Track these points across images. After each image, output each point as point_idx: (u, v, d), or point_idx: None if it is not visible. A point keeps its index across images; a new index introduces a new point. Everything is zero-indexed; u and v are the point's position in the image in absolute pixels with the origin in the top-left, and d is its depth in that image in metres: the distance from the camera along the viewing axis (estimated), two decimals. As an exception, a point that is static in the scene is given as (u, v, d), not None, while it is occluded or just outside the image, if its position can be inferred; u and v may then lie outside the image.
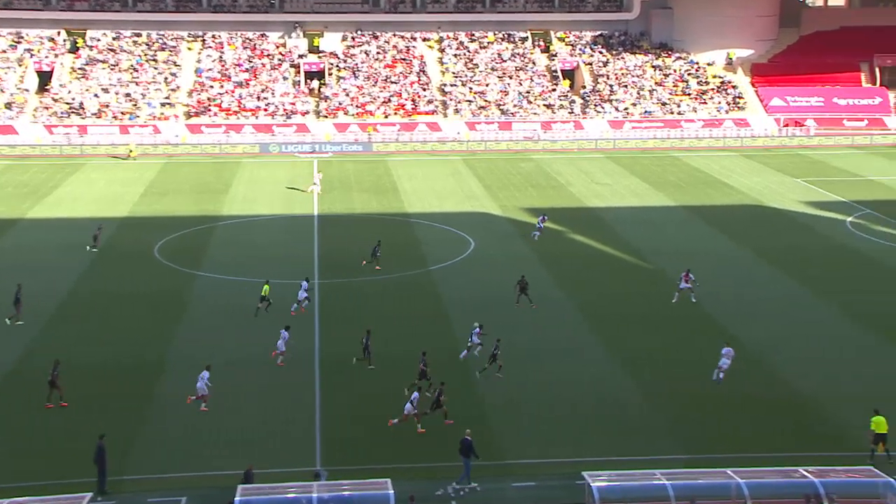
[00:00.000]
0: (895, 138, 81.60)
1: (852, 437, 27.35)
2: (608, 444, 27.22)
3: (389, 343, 34.54)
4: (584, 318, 37.18)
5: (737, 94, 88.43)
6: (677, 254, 46.52)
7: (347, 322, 36.36)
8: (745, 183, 64.90)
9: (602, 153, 78.11)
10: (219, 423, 28.28)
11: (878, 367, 32.20)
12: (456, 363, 32.66)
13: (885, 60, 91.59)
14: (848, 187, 62.94)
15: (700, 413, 29.00)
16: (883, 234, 50.12)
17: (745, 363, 32.21)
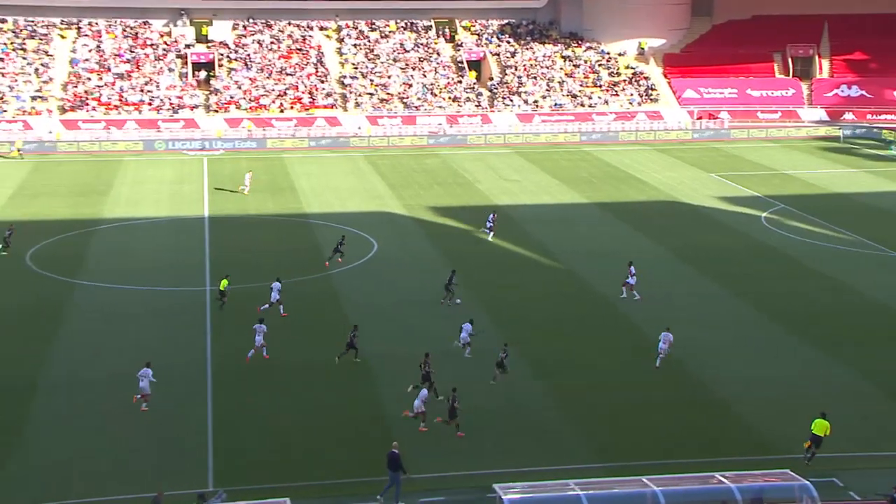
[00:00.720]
0: (809, 131, 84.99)
1: (771, 441, 28.23)
2: (521, 454, 27.49)
3: (286, 352, 34.19)
4: (490, 321, 37.48)
5: (649, 86, 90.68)
6: (590, 253, 47.34)
7: (242, 332, 35.81)
8: (659, 178, 66.58)
9: (511, 148, 78.94)
10: (105, 442, 27.53)
11: (796, 367, 33.37)
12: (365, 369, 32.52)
13: (797, 50, 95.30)
14: (763, 182, 65.23)
15: (615, 419, 29.55)
16: (798, 230, 52.10)
17: (664, 368, 32.97)
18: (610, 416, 29.62)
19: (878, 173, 68.26)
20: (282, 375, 32.43)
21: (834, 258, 46.72)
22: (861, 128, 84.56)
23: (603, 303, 40.09)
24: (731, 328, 36.24)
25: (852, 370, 32.82)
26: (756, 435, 28.59)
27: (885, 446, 27.64)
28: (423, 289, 41.61)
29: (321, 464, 26.91)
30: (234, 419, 29.19)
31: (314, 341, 35.59)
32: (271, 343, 34.27)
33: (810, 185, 64.45)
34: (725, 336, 35.89)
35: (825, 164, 71.93)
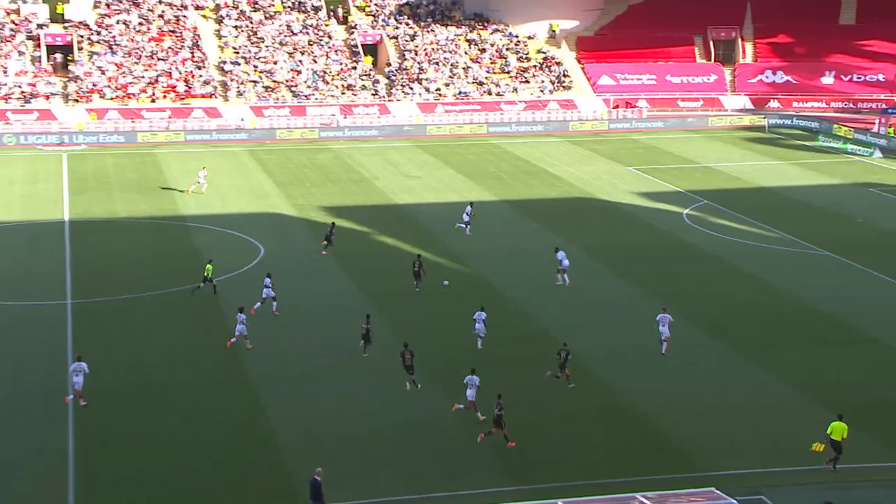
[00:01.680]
0: (732, 120, 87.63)
1: (695, 456, 28.94)
2: (424, 478, 27.58)
3: (154, 370, 33.67)
4: (391, 331, 37.54)
5: (562, 72, 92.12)
6: (499, 255, 47.80)
7: (108, 349, 35.02)
8: (573, 172, 67.70)
9: (411, 141, 79.16)
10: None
11: (720, 375, 34.28)
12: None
13: (719, 33, 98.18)
14: (684, 176, 66.95)
15: (526, 436, 29.89)
16: (721, 228, 53.64)
17: (577, 378, 33.51)
18: (520, 433, 29.95)
19: (805, 165, 70.81)
20: (155, 396, 31.85)
21: (760, 257, 48.24)
22: (787, 117, 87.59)
23: (513, 308, 40.53)
24: (649, 333, 37.03)
25: (780, 377, 33.90)
26: (679, 450, 29.23)
27: (815, 459, 28.61)
28: (313, 296, 41.37)
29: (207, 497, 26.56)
30: (97, 442, 28.60)
31: (191, 360, 35.03)
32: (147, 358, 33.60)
33: (734, 178, 66.43)
34: (644, 342, 36.63)
35: (750, 156, 74.27)
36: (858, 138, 77.88)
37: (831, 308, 40.62)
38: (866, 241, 51.19)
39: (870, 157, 73.55)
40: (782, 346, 36.48)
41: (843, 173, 68.18)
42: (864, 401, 32.19)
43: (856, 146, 76.16)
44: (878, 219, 55.54)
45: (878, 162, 72.13)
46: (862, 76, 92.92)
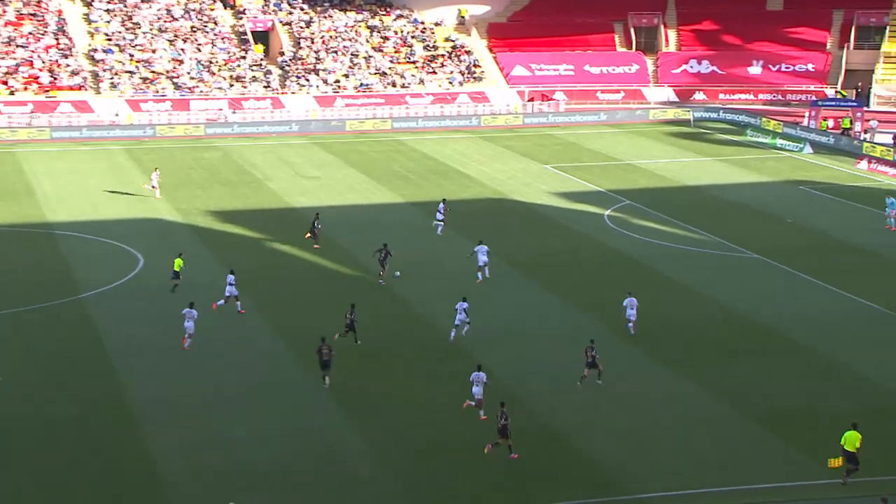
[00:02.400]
0: (655, 113, 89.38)
1: (619, 479, 29.30)
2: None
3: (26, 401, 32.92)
4: (286, 348, 37.33)
5: (472, 62, 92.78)
6: (406, 263, 47.90)
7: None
8: (486, 171, 68.19)
9: (308, 138, 78.85)
10: None
11: (645, 389, 34.84)
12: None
13: (640, 20, 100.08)
14: (605, 174, 67.98)
15: (437, 461, 30.02)
16: (645, 230, 54.60)
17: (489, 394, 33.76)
18: (430, 458, 30.02)
19: (733, 162, 72.52)
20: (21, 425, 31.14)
21: (684, 261, 49.25)
22: (713, 110, 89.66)
23: (423, 323, 40.65)
24: (568, 346, 37.33)
25: (707, 390, 34.64)
26: (602, 472, 29.63)
27: (745, 477, 29.30)
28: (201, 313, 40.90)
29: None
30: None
31: (63, 385, 34.34)
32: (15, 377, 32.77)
33: (658, 176, 67.69)
34: (562, 355, 36.98)
35: (674, 153, 75.77)
36: (788, 133, 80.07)
37: (759, 314, 41.65)
38: (796, 242, 52.64)
39: (800, 153, 75.69)
40: (706, 356, 37.26)
41: (772, 170, 70.03)
42: (792, 410, 33.09)
43: (785, 141, 78.27)
44: (809, 219, 57.17)
45: (809, 158, 74.28)
46: (791, 66, 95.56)
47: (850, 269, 47.83)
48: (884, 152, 72.03)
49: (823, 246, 52.16)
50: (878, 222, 56.26)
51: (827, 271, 47.27)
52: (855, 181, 66.99)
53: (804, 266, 47.89)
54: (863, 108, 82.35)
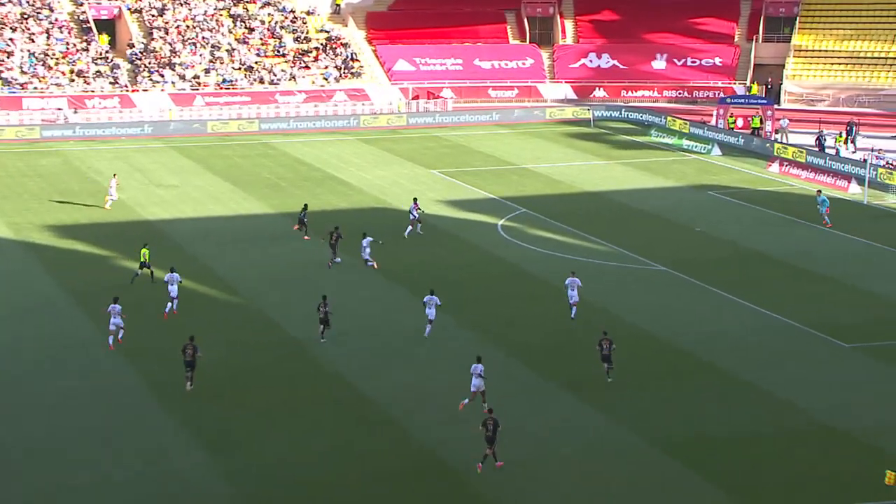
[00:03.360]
0: (553, 112, 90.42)
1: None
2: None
3: None
4: (140, 383, 36.70)
5: (349, 56, 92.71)
6: (276, 279, 47.50)
7: None
8: (366, 178, 68.10)
9: (164, 141, 77.90)
10: None
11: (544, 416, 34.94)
12: None
13: (534, 9, 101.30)
14: (498, 179, 68.45)
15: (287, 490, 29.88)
16: (540, 241, 55.07)
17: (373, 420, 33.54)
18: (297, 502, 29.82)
19: (636, 165, 73.74)
20: None
21: (585, 274, 49.53)
22: (615, 108, 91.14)
23: (293, 345, 40.38)
24: (456, 370, 37.37)
25: (614, 417, 34.98)
26: (498, 511, 29.75)
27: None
28: (38, 341, 39.90)
29: None
30: None
31: None
32: None
33: (556, 182, 68.43)
34: (448, 381, 37.01)
35: (573, 155, 76.72)
36: (695, 133, 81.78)
37: (666, 332, 42.19)
38: (706, 253, 53.67)
39: (708, 155, 77.32)
40: (614, 381, 37.59)
41: (678, 174, 71.41)
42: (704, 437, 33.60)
43: (692, 142, 79.93)
44: (719, 227, 58.35)
45: (717, 160, 75.93)
46: (697, 60, 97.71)
47: (763, 282, 48.86)
48: (796, 153, 74.03)
49: (735, 256, 53.24)
50: (793, 229, 57.79)
51: (739, 284, 48.20)
52: (767, 185, 68.69)
53: (714, 279, 48.80)
54: (773, 106, 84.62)
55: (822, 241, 55.85)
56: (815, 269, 50.83)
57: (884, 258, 53.29)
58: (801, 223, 59.08)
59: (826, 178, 68.13)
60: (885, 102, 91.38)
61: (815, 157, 72.59)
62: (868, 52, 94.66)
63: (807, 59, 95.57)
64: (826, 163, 71.62)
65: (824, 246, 55.10)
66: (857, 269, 51.09)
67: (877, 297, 46.92)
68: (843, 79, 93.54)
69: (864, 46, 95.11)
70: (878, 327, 43.08)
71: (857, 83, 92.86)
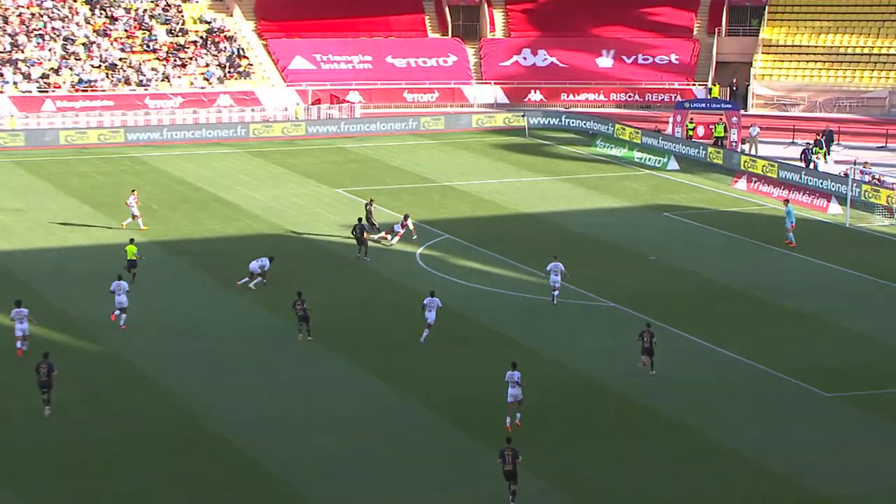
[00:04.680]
0: (481, 119, 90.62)
1: None
2: None
3: None
4: None
5: (235, 52, 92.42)
6: (146, 324, 47.00)
7: None
8: (257, 199, 67.78)
9: (4, 155, 76.98)
10: None
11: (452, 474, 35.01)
12: None
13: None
14: (415, 200, 68.48)
15: None
16: (467, 273, 54.97)
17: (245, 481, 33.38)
18: None
19: (580, 182, 74.07)
20: None
21: (523, 313, 49.74)
22: (554, 114, 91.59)
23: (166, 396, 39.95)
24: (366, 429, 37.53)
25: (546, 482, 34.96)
26: None
27: None
28: None
29: None
30: None
31: None
32: None
33: (485, 202, 68.58)
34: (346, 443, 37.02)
35: (505, 170, 77.00)
36: (648, 143, 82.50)
37: (617, 381, 42.17)
38: (661, 286, 54.00)
39: (663, 169, 78.02)
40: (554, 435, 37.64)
41: (629, 192, 71.93)
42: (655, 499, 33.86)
43: (645, 154, 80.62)
44: (677, 255, 58.68)
45: (675, 175, 76.63)
46: (650, 57, 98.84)
47: (728, 320, 49.18)
48: (767, 168, 74.89)
49: (695, 290, 53.60)
50: (763, 257, 58.45)
51: (700, 323, 48.49)
52: (732, 205, 69.40)
53: (671, 316, 49.02)
54: (739, 112, 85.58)
55: (797, 272, 56.46)
56: (789, 305, 51.33)
57: (869, 291, 54.03)
58: (772, 249, 59.71)
59: (802, 197, 69.04)
60: (870, 107, 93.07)
61: (789, 172, 73.54)
62: (849, 48, 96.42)
63: (778, 56, 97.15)
64: (802, 178, 72.58)
65: (800, 276, 55.71)
66: (839, 304, 51.77)
67: (863, 336, 47.46)
68: (820, 79, 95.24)
69: (845, 41, 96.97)
70: (863, 373, 43.56)
71: (837, 84, 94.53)
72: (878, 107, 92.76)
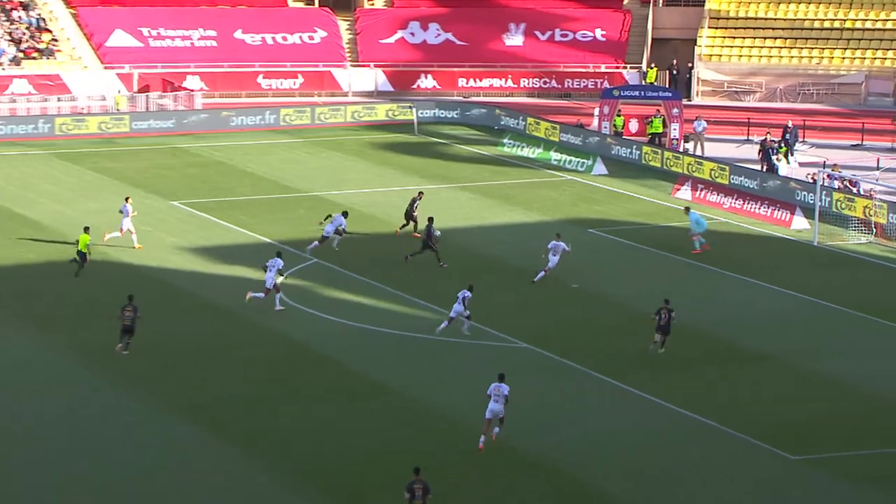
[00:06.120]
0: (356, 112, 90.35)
1: None
2: None
3: None
4: None
5: (35, 24, 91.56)
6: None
7: None
8: (67, 213, 67.45)
9: None
10: None
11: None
12: None
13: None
14: (276, 215, 68.57)
15: None
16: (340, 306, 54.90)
17: None
18: None
19: (483, 191, 74.22)
20: None
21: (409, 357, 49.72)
22: (449, 106, 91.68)
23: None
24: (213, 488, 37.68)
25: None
26: None
27: None
28: None
29: None
30: None
31: None
32: None
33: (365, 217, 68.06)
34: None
35: (390, 177, 77.27)
36: (569, 142, 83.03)
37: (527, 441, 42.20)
38: (585, 320, 54.41)
39: (588, 174, 78.45)
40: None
41: (545, 203, 72.43)
42: None
43: (565, 155, 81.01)
44: (605, 282, 59.01)
45: (602, 182, 77.11)
46: (570, 33, 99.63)
47: (669, 362, 49.54)
48: (716, 172, 75.43)
49: (627, 325, 53.84)
50: (712, 284, 59.16)
51: (634, 366, 48.88)
52: (673, 218, 69.90)
53: (597, 358, 49.28)
54: (681, 102, 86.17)
55: (754, 302, 57.01)
56: (745, 343, 51.88)
57: (842, 326, 54.73)
58: (725, 275, 60.26)
59: (760, 208, 69.54)
60: (841, 94, 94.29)
61: (744, 178, 74.17)
62: (815, 22, 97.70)
63: (728, 32, 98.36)
64: (759, 185, 73.18)
65: (758, 308, 56.20)
66: (806, 342, 52.36)
67: (835, 382, 47.95)
68: (780, 60, 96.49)
69: (810, 13, 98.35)
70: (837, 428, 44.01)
71: (801, 67, 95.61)
72: (852, 94, 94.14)
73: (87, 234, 57.59)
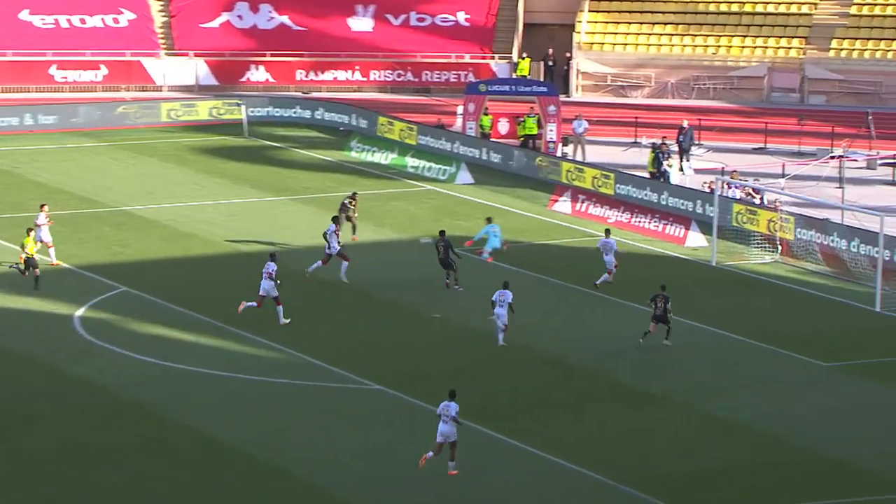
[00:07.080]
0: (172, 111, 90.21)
1: None
2: None
3: None
4: None
5: None
6: None
7: None
8: None
9: None
10: None
11: None
12: None
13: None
14: (76, 233, 68.35)
15: None
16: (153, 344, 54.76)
17: None
18: None
19: (324, 203, 73.97)
20: None
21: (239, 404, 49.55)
22: (284, 102, 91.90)
23: None
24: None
25: None
26: None
27: None
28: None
29: None
30: None
31: None
32: None
33: (184, 236, 68.84)
34: None
35: (214, 188, 77.64)
36: (428, 145, 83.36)
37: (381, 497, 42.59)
38: (447, 355, 54.66)
39: (450, 183, 78.76)
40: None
41: (401, 218, 72.90)
42: None
43: (423, 161, 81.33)
44: (471, 309, 59.29)
45: (466, 192, 77.48)
46: (427, 17, 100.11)
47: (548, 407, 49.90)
48: (599, 181, 76.00)
49: (498, 360, 54.11)
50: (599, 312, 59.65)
51: (502, 409, 49.12)
52: (550, 235, 70.70)
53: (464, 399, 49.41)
54: (558, 98, 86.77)
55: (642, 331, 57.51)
56: (635, 381, 52.30)
57: (746, 358, 55.33)
58: (608, 300, 60.82)
59: (651, 223, 70.15)
60: (742, 89, 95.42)
61: (632, 187, 74.81)
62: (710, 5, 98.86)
63: (611, 17, 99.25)
64: (649, 195, 73.75)
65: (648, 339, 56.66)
66: (706, 379, 52.89)
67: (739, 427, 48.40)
68: (671, 50, 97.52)
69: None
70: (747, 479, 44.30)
71: (696, 57, 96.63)
72: (754, 89, 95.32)
73: (29, 236, 60.24)
